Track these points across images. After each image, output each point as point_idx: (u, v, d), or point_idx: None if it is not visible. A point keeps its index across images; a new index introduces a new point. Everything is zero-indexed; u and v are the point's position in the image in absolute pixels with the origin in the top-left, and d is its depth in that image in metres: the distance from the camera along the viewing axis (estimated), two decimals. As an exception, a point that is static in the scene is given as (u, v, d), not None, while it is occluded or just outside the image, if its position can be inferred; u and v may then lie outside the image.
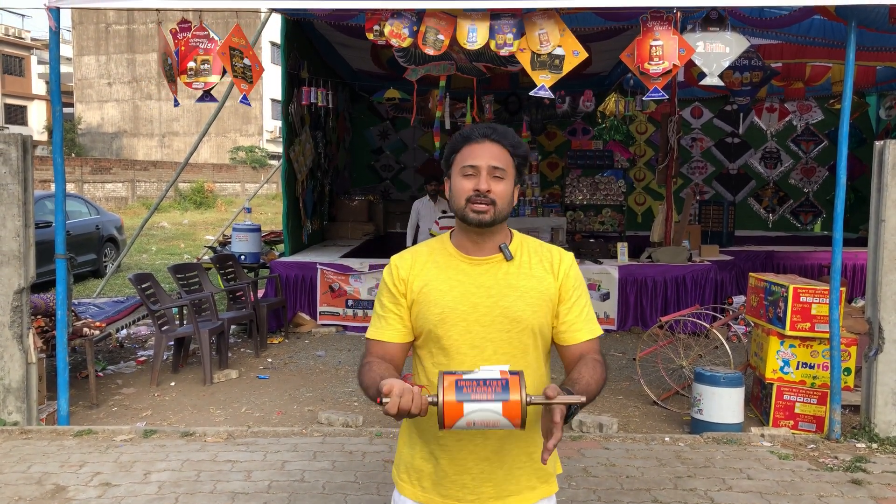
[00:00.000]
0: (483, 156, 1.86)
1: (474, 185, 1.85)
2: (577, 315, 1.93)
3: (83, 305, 7.15)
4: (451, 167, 1.92)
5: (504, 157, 1.88)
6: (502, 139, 1.88)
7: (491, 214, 1.85)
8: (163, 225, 20.58)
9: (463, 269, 1.91)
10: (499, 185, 1.86)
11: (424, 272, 1.92)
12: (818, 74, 9.91)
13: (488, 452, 1.87)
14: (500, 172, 1.86)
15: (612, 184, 12.44)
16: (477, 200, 1.84)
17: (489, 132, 1.88)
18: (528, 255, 1.94)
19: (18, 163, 4.80)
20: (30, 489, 3.91)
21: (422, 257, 1.95)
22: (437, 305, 1.87)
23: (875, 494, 3.95)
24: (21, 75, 43.06)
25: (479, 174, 1.85)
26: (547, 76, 5.18)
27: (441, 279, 1.90)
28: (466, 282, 1.90)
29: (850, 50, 4.87)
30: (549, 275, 1.92)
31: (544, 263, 1.94)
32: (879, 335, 4.78)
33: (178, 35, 5.18)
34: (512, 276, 1.90)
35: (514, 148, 1.89)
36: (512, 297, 1.87)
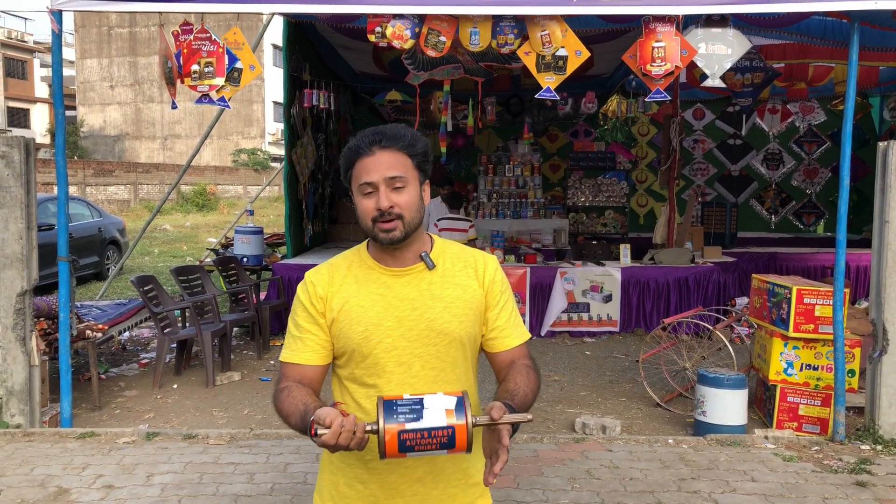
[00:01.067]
0: (377, 168, 1.71)
1: (375, 204, 1.71)
2: (506, 321, 1.84)
3: (86, 308, 7.15)
4: (351, 184, 1.77)
5: (400, 162, 1.73)
6: (393, 143, 1.73)
7: (401, 230, 1.72)
8: (165, 227, 20.60)
9: (384, 282, 1.78)
10: (401, 196, 1.72)
11: (344, 288, 1.79)
12: (821, 75, 9.91)
13: (421, 473, 1.77)
14: (399, 182, 1.71)
15: (615, 185, 12.43)
16: (382, 219, 1.71)
17: (377, 139, 1.72)
18: (450, 262, 1.83)
19: (21, 165, 4.81)
20: (33, 492, 3.91)
21: (340, 272, 1.82)
22: (360, 323, 1.75)
23: (880, 496, 3.94)
24: (24, 78, 43.15)
25: (378, 190, 1.71)
26: (552, 78, 5.17)
27: (362, 294, 1.77)
28: (389, 295, 1.77)
29: (853, 50, 4.85)
30: (473, 281, 1.81)
31: (468, 270, 1.83)
32: (884, 336, 4.77)
33: (179, 37, 5.18)
34: (435, 286, 1.78)
35: (410, 148, 1.74)
36: (437, 308, 1.76)
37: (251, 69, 5.30)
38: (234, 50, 5.24)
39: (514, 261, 8.42)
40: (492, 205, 11.62)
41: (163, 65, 5.33)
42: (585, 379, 6.45)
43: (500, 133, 12.69)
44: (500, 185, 11.83)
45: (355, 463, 1.80)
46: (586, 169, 12.59)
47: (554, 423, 5.27)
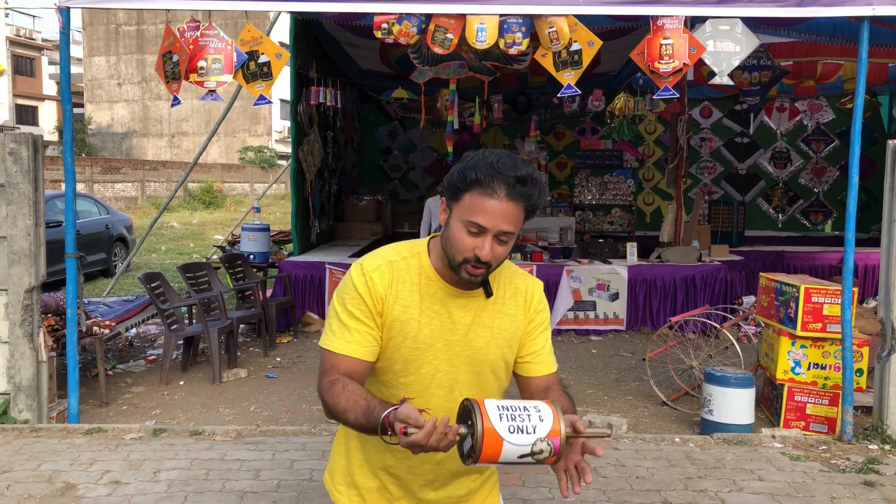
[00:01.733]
0: (496, 217, 1.59)
1: (475, 248, 1.61)
2: (543, 346, 1.81)
3: (93, 304, 7.18)
4: (456, 202, 1.64)
5: (518, 218, 1.63)
6: (524, 199, 1.61)
7: (483, 276, 1.66)
8: (172, 224, 20.66)
9: (442, 300, 1.71)
10: (502, 249, 1.64)
11: (405, 295, 1.70)
12: (829, 72, 9.86)
13: (433, 476, 1.81)
14: (507, 237, 1.63)
15: (622, 183, 12.40)
16: (475, 264, 1.63)
17: (512, 184, 1.58)
18: (503, 289, 1.77)
19: (29, 162, 4.83)
20: (40, 487, 3.93)
21: (401, 275, 1.72)
22: (412, 338, 1.70)
23: (888, 496, 3.92)
24: (32, 76, 43.33)
25: (485, 237, 1.61)
26: (571, 74, 5.16)
27: (423, 308, 1.70)
28: (444, 315, 1.71)
29: (862, 47, 4.83)
30: (521, 311, 1.79)
31: (517, 298, 1.79)
32: (892, 336, 4.74)
33: (185, 34, 5.18)
34: (486, 315, 1.74)
35: (532, 205, 1.63)
36: (485, 337, 1.73)
37: (278, 57, 5.27)
38: (254, 46, 5.23)
39: (521, 259, 8.41)
40: (498, 203, 11.58)
41: (163, 61, 5.31)
42: (592, 377, 6.44)
43: (507, 131, 12.68)
44: (506, 182, 11.79)
45: (375, 460, 1.81)
46: (593, 167, 12.57)
47: (560, 421, 5.26)
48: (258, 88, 5.30)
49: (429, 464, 1.77)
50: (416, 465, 1.77)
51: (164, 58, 5.31)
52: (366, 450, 1.83)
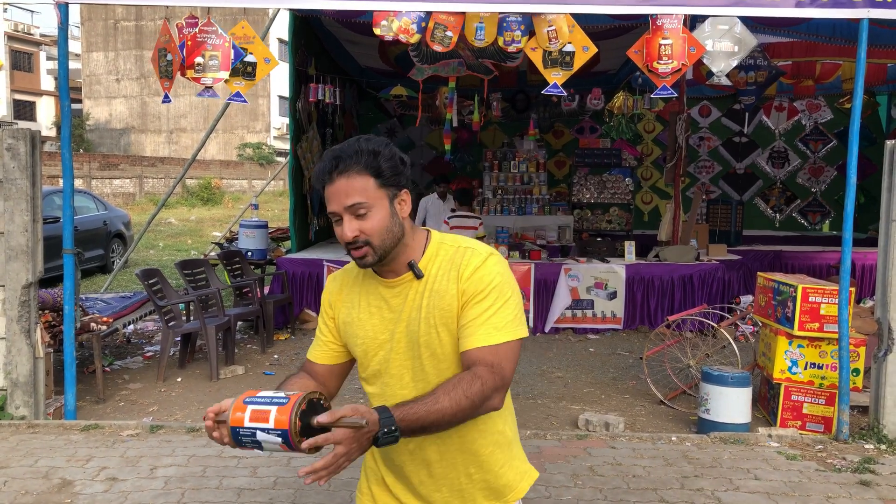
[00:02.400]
0: (337, 197, 1.64)
1: (341, 235, 1.67)
2: (476, 316, 1.65)
3: (90, 301, 7.17)
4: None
5: (360, 187, 1.63)
6: (350, 165, 1.62)
7: (371, 255, 1.67)
8: (170, 221, 20.63)
9: (381, 294, 1.77)
10: (366, 222, 1.64)
11: (350, 298, 1.82)
12: (828, 72, 9.86)
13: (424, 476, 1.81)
14: (361, 208, 1.63)
15: (620, 182, 12.41)
16: (351, 249, 1.68)
17: (335, 164, 1.63)
18: (436, 267, 1.72)
19: (27, 158, 4.82)
20: (37, 483, 3.92)
21: (349, 280, 1.85)
22: (359, 336, 1.79)
23: (883, 496, 3.93)
24: (30, 71, 43.22)
25: (341, 221, 1.66)
26: (559, 73, 5.15)
27: (362, 307, 1.79)
28: (384, 308, 1.76)
29: (861, 47, 4.83)
30: (452, 285, 1.69)
31: (452, 272, 1.70)
32: (889, 335, 4.75)
33: (183, 30, 5.17)
34: (419, 296, 1.72)
35: (371, 167, 1.63)
36: (417, 319, 1.71)
37: (266, 62, 5.28)
38: (244, 44, 5.23)
39: (519, 257, 8.41)
40: (497, 201, 11.61)
41: (158, 58, 5.30)
42: (589, 376, 6.44)
43: (506, 129, 12.68)
44: (505, 181, 11.82)
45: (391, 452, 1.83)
46: (592, 166, 12.57)
47: (557, 419, 5.27)
48: (237, 85, 5.29)
49: (403, 454, 1.79)
50: (395, 456, 1.80)
51: (158, 53, 5.29)
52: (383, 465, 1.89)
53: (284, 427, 1.44)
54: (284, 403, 1.47)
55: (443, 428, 1.59)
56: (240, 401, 1.55)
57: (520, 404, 5.55)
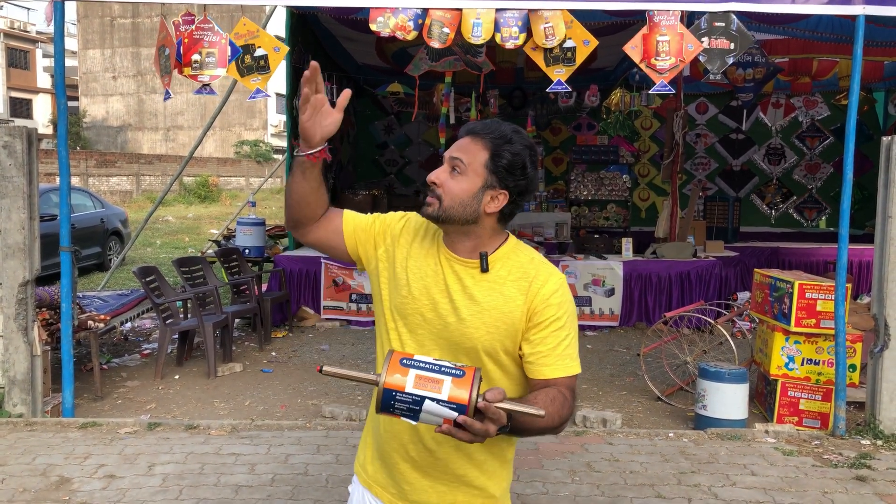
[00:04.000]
0: (454, 147, 1.71)
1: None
2: (551, 348, 1.67)
3: (88, 298, 7.17)
4: None
5: (474, 150, 1.68)
6: (483, 134, 1.68)
7: (435, 209, 1.68)
8: (167, 218, 20.60)
9: (440, 261, 1.74)
10: (453, 181, 1.68)
11: (415, 246, 1.79)
12: (825, 69, 9.87)
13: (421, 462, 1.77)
14: (458, 165, 1.68)
15: (617, 179, 12.41)
16: (429, 192, 1.71)
17: (477, 127, 1.71)
18: (507, 270, 1.72)
19: (23, 155, 4.81)
20: (34, 481, 3.92)
21: (424, 232, 1.81)
22: (406, 287, 1.74)
23: (880, 491, 3.94)
24: (26, 68, 43.10)
25: (442, 164, 1.73)
26: (562, 70, 5.15)
27: (420, 263, 1.76)
28: (438, 276, 1.73)
29: (857, 45, 4.84)
30: (521, 295, 1.68)
31: (521, 282, 1.69)
32: (885, 331, 4.77)
33: (180, 27, 5.16)
34: (478, 289, 1.70)
35: (494, 144, 1.67)
36: (470, 309, 1.68)
37: (276, 51, 5.26)
38: (250, 40, 5.21)
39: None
40: (494, 198, 11.59)
41: (159, 55, 5.30)
42: (586, 372, 6.46)
43: (503, 126, 12.65)
44: (502, 177, 11.80)
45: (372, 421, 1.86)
46: (589, 163, 12.57)
47: (554, 416, 5.28)
48: (254, 82, 5.29)
49: (405, 432, 1.74)
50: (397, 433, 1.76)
51: (159, 52, 5.29)
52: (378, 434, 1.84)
53: (463, 403, 1.39)
54: (460, 376, 1.41)
55: (529, 434, 1.63)
56: (395, 361, 1.43)
57: (517, 401, 5.56)
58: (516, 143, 1.68)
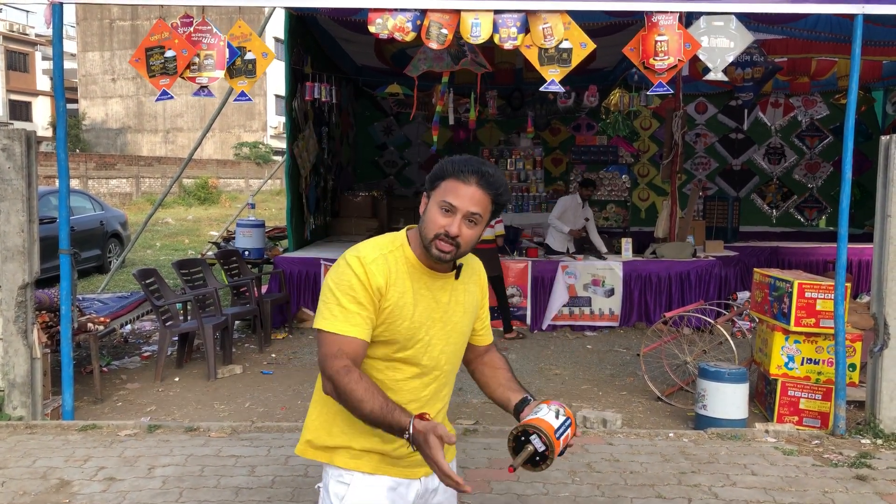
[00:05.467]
0: (465, 198, 1.85)
1: (446, 225, 1.85)
2: (486, 322, 2.17)
3: (87, 301, 7.16)
4: (433, 191, 1.90)
5: (485, 204, 1.88)
6: (489, 187, 1.87)
7: (452, 255, 1.89)
8: (167, 220, 20.60)
9: (426, 283, 1.94)
10: (470, 231, 1.88)
11: (400, 282, 1.91)
12: (824, 69, 9.87)
13: None
14: (475, 218, 1.87)
15: (617, 179, 12.42)
16: (444, 240, 1.86)
17: (481, 174, 1.86)
18: (463, 271, 2.03)
19: (22, 158, 4.81)
20: (35, 483, 3.92)
21: (392, 266, 1.91)
22: (407, 319, 1.91)
23: (880, 490, 3.94)
24: (25, 71, 43.10)
25: (455, 215, 1.85)
26: (556, 70, 5.15)
27: (409, 292, 1.92)
28: (429, 297, 1.95)
29: (856, 44, 4.84)
30: (477, 287, 2.10)
31: (473, 276, 2.09)
32: (885, 331, 4.77)
33: (178, 29, 5.16)
34: (458, 293, 2.01)
35: (499, 196, 1.89)
36: (459, 312, 2.01)
37: (264, 56, 5.28)
38: (242, 42, 5.23)
39: (517, 255, 8.42)
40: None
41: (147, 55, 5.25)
42: (586, 372, 6.46)
43: (502, 127, 12.67)
44: (501, 178, 11.80)
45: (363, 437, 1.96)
46: (588, 163, 12.58)
47: (555, 416, 5.27)
48: (241, 85, 5.31)
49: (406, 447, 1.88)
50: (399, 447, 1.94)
51: (148, 52, 5.24)
52: (354, 420, 1.89)
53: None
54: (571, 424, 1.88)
55: None
56: (554, 437, 1.78)
57: (517, 402, 5.56)
58: (507, 190, 1.94)
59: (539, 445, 1.73)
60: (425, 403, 1.99)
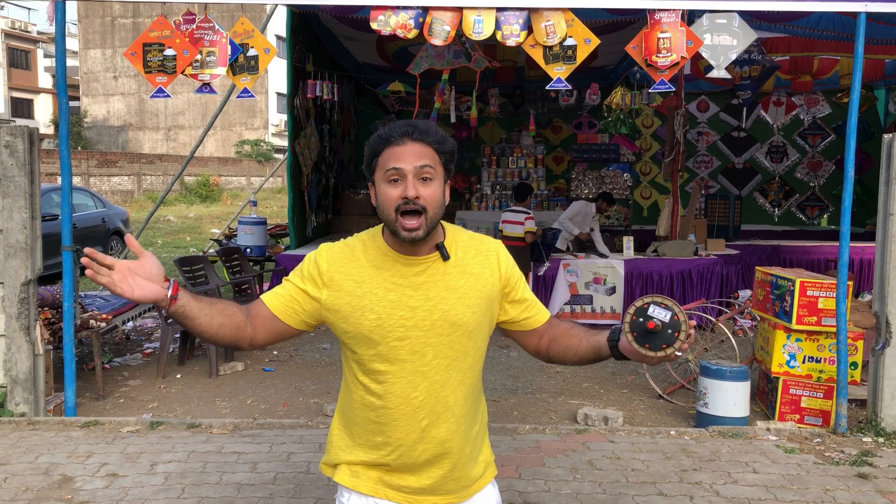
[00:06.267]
0: (407, 157, 1.71)
1: (401, 192, 1.70)
2: (533, 301, 1.93)
3: (89, 297, 7.17)
4: (374, 173, 1.77)
5: (430, 155, 1.73)
6: (425, 136, 1.73)
7: (423, 228, 1.72)
8: (168, 218, 20.62)
9: (399, 271, 1.78)
10: (428, 188, 1.71)
11: (357, 273, 1.79)
12: (826, 67, 9.86)
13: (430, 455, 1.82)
14: (427, 172, 1.72)
15: (618, 177, 12.40)
16: (406, 210, 1.70)
17: (410, 130, 1.73)
18: (462, 252, 1.84)
19: (25, 155, 4.82)
20: (37, 479, 3.93)
21: (354, 254, 1.82)
22: (373, 311, 1.76)
23: (881, 488, 3.94)
24: (27, 69, 43.12)
25: (406, 178, 1.71)
26: (562, 68, 5.15)
27: (376, 281, 1.78)
28: (403, 284, 1.78)
29: (858, 43, 4.84)
30: (486, 270, 1.84)
31: (479, 258, 1.85)
32: (886, 329, 4.77)
33: (180, 26, 5.17)
34: (450, 277, 1.80)
35: (440, 144, 1.75)
36: (451, 299, 1.78)
37: (266, 52, 5.29)
38: (245, 40, 5.23)
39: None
40: (495, 196, 11.61)
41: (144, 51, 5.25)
42: (588, 370, 6.46)
43: (504, 125, 12.67)
44: (503, 176, 11.82)
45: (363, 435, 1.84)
46: (590, 161, 12.56)
47: (556, 414, 5.28)
48: (244, 81, 5.31)
49: (415, 433, 1.79)
50: (402, 435, 1.80)
51: (146, 47, 5.23)
52: (353, 433, 1.86)
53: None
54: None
55: None
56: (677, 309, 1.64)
57: (519, 399, 5.57)
58: (446, 136, 1.78)
59: (662, 314, 1.58)
60: (419, 408, 1.78)
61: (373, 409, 1.81)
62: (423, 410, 1.78)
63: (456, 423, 1.82)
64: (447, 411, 1.80)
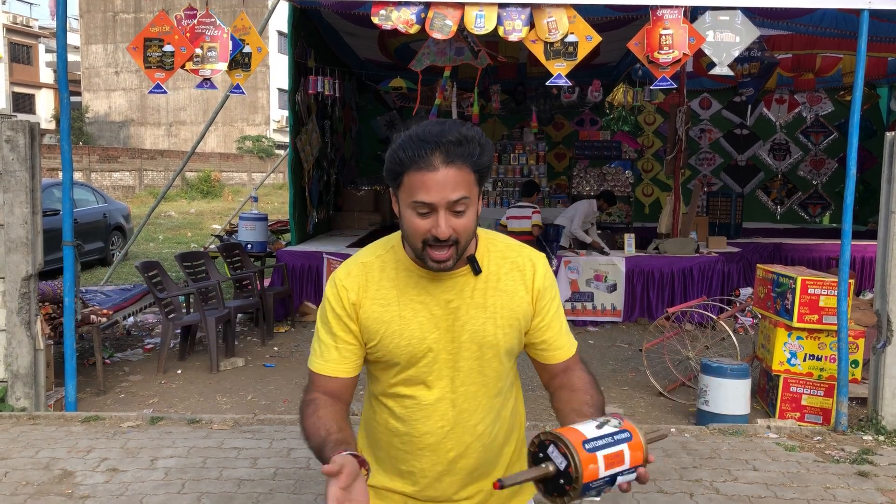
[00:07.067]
0: (440, 189, 1.46)
1: (431, 229, 1.49)
2: (557, 331, 1.70)
3: (90, 293, 7.17)
4: (399, 188, 1.52)
5: (465, 181, 1.49)
6: (461, 156, 1.47)
7: (454, 258, 1.53)
8: (170, 214, 20.63)
9: (425, 287, 1.60)
10: (461, 220, 1.50)
11: (382, 294, 1.61)
12: (829, 65, 9.84)
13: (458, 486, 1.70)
14: (462, 204, 1.49)
15: (620, 175, 12.39)
16: (437, 246, 1.50)
17: (444, 152, 1.46)
18: (496, 264, 1.64)
19: (26, 150, 4.81)
20: (37, 474, 3.94)
21: (374, 274, 1.63)
22: (403, 336, 1.60)
23: (882, 487, 3.94)
24: (29, 63, 43.13)
25: (437, 215, 1.48)
26: (562, 64, 5.14)
27: (403, 303, 1.60)
28: (431, 303, 1.60)
29: (861, 40, 4.82)
30: (520, 287, 1.64)
31: (514, 273, 1.65)
32: (888, 327, 4.76)
33: (182, 21, 5.16)
34: (479, 293, 1.61)
35: (478, 160, 1.50)
36: (481, 318, 1.61)
37: (258, 51, 5.31)
38: (241, 35, 5.24)
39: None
40: (496, 193, 11.61)
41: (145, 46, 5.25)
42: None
43: (506, 122, 12.65)
44: (504, 173, 11.81)
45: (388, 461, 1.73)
46: (591, 158, 12.55)
47: (556, 411, 5.28)
48: (238, 77, 5.33)
49: (441, 465, 1.67)
50: (428, 467, 1.68)
51: (147, 42, 5.23)
52: (378, 458, 1.76)
53: (640, 462, 1.36)
54: (631, 439, 1.36)
55: None
56: (580, 447, 1.30)
57: (519, 396, 5.56)
58: (484, 145, 1.53)
59: (558, 460, 1.29)
60: (445, 438, 1.64)
61: (397, 435, 1.68)
62: (451, 441, 1.65)
63: (484, 450, 1.69)
64: (476, 440, 1.67)
